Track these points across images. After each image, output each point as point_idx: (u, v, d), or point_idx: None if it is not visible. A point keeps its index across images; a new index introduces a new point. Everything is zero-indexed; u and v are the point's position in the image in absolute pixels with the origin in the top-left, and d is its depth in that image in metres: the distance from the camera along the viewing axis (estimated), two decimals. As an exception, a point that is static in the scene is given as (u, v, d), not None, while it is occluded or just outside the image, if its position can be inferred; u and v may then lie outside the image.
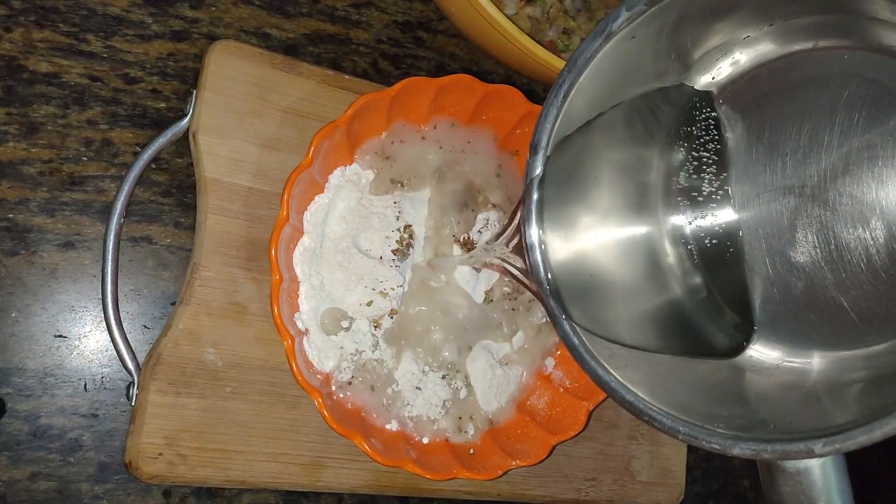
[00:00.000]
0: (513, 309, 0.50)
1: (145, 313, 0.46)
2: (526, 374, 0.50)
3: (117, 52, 0.47)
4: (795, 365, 0.40)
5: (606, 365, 0.37)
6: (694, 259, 0.43)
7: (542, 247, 0.38)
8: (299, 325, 0.44)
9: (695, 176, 0.42)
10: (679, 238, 0.43)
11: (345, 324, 0.45)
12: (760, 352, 0.41)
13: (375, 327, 0.46)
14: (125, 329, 0.44)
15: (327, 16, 0.53)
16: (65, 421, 0.43)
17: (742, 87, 0.41)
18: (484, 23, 0.45)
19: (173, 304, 0.46)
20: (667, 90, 0.41)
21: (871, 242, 0.37)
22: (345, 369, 0.45)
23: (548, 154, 0.38)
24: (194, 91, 0.45)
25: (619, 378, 0.37)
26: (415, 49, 0.56)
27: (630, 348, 0.39)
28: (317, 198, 0.45)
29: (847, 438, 0.30)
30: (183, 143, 0.47)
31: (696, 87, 0.41)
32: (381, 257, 0.46)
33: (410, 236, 0.47)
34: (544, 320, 0.50)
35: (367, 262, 0.46)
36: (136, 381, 0.43)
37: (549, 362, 0.51)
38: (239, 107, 0.46)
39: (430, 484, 0.48)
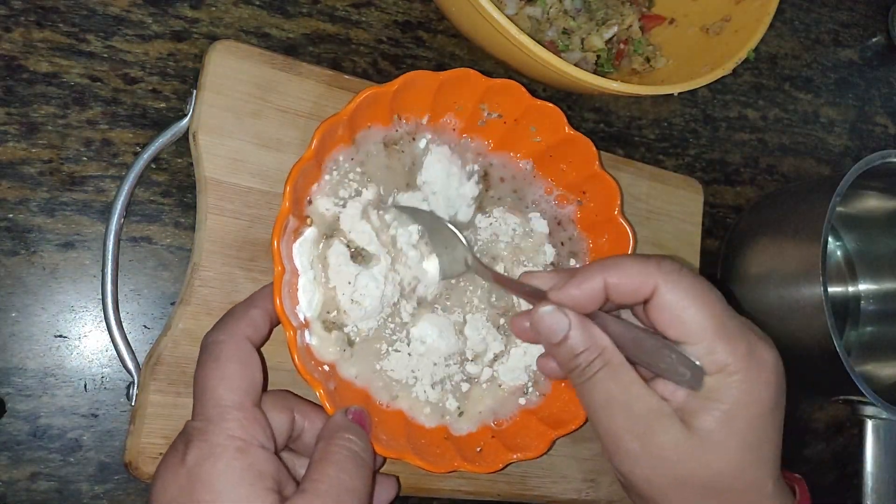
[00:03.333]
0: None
1: (145, 313, 0.46)
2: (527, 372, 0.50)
3: (117, 52, 0.47)
4: None
5: None
6: None
7: None
8: (300, 317, 0.44)
9: None
10: None
11: (341, 321, 0.45)
12: None
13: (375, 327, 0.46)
14: (125, 329, 0.44)
15: (327, 16, 0.53)
16: (65, 421, 0.43)
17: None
18: (484, 23, 0.45)
19: (173, 304, 0.46)
20: None
21: None
22: (347, 360, 0.45)
23: None
24: (194, 91, 0.45)
25: None
26: (415, 49, 0.56)
27: None
28: (318, 188, 0.45)
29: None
30: (183, 143, 0.47)
31: None
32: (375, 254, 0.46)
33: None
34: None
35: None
36: (136, 381, 0.43)
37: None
38: (239, 107, 0.46)
39: (430, 483, 0.48)
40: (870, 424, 0.60)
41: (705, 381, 0.36)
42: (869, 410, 0.60)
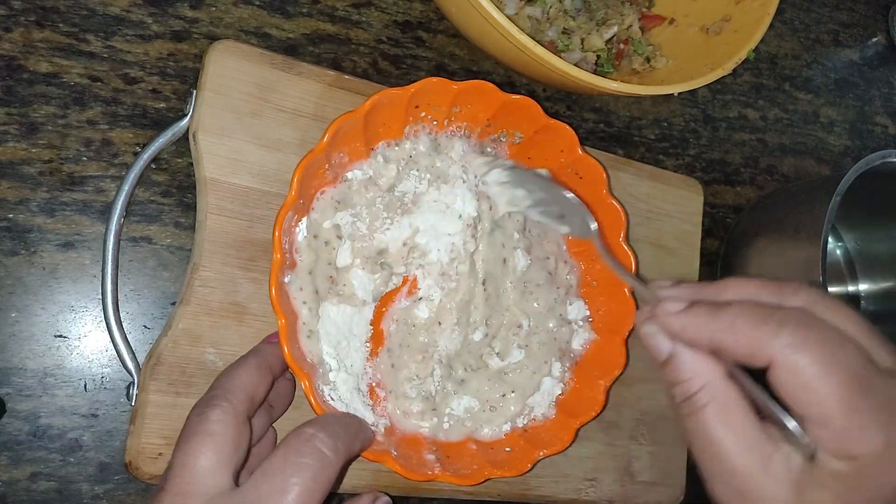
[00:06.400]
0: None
1: (145, 313, 0.46)
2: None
3: (117, 52, 0.47)
4: None
5: None
6: None
7: None
8: (308, 359, 0.43)
9: None
10: None
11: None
12: None
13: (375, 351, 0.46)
14: (125, 329, 0.44)
15: (327, 16, 0.53)
16: (65, 421, 0.43)
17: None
18: (484, 23, 0.45)
19: (173, 304, 0.46)
20: None
21: None
22: (363, 388, 0.45)
23: None
24: (194, 91, 0.45)
25: None
26: (415, 49, 0.56)
27: None
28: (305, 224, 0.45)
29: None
30: (183, 143, 0.47)
31: None
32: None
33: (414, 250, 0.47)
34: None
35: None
36: (136, 381, 0.43)
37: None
38: (239, 107, 0.46)
39: (430, 483, 0.48)
40: (870, 424, 0.60)
41: (828, 458, 0.31)
42: (869, 410, 0.60)
